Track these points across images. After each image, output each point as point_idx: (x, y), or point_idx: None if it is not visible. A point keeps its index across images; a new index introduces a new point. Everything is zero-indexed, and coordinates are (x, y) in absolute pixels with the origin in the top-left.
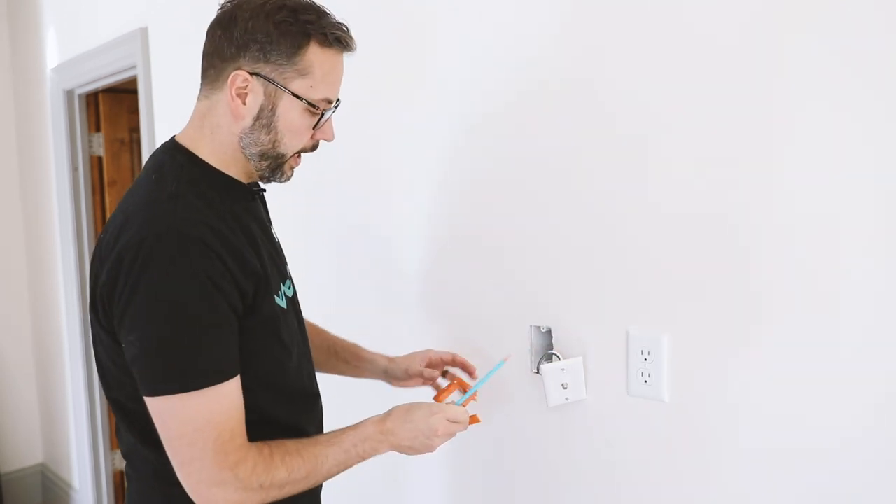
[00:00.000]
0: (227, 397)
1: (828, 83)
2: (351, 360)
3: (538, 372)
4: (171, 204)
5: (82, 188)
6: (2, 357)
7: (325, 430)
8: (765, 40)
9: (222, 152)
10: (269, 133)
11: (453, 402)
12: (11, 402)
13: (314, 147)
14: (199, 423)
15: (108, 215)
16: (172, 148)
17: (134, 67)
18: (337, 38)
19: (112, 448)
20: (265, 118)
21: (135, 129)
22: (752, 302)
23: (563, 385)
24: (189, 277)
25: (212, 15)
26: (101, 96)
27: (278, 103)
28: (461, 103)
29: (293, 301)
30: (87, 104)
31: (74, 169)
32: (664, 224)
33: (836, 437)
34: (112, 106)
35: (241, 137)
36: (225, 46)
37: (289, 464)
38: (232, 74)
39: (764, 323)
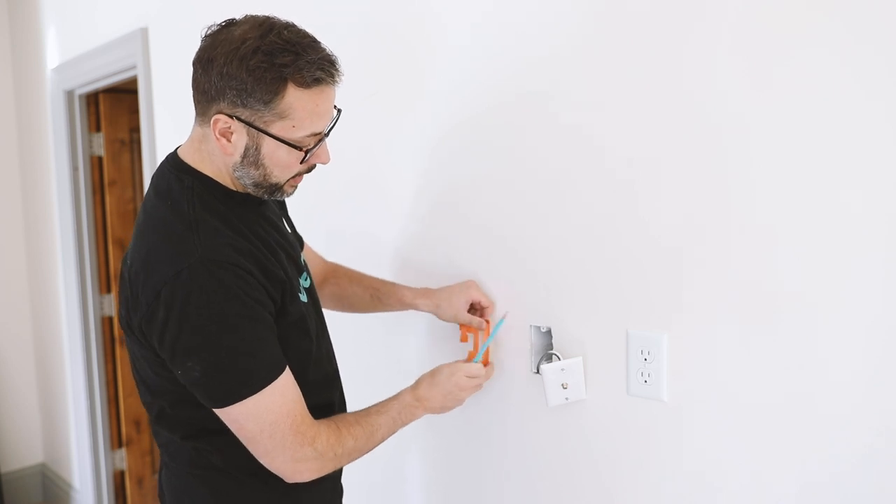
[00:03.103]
0: (286, 387)
1: (828, 82)
2: (395, 306)
3: (538, 372)
4: (194, 233)
5: (82, 188)
6: (2, 357)
7: (346, 402)
8: (761, 36)
9: (223, 174)
10: (257, 169)
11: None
12: (11, 402)
13: (310, 170)
14: (272, 416)
15: (109, 215)
16: (178, 167)
17: (134, 67)
18: (316, 78)
19: (112, 448)
20: (251, 156)
21: (135, 129)
22: (753, 302)
23: (563, 385)
24: (228, 299)
25: (212, 15)
26: (101, 96)
27: (262, 144)
28: (460, 105)
29: (311, 291)
30: (88, 104)
31: (75, 169)
32: (664, 224)
33: (836, 437)
34: (112, 106)
35: (233, 169)
36: (205, 87)
37: (354, 433)
38: (214, 118)
39: (764, 323)
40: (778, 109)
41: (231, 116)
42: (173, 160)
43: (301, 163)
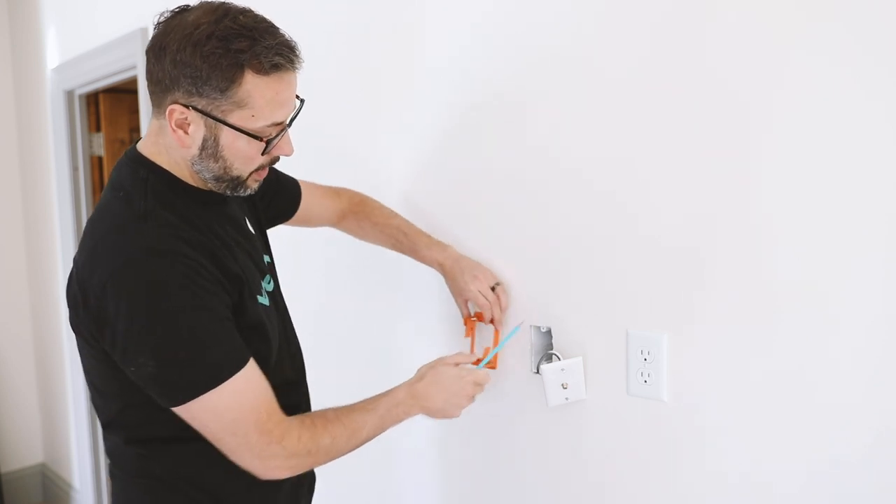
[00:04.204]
0: (249, 381)
1: (828, 83)
2: (410, 256)
3: (538, 372)
4: (143, 223)
5: (82, 188)
6: (2, 357)
7: (314, 407)
8: (768, 34)
9: (182, 167)
10: (217, 161)
11: (472, 366)
12: (11, 402)
13: (273, 162)
14: (234, 413)
15: None
16: (135, 160)
17: (134, 67)
18: (274, 64)
19: None
20: (210, 148)
21: (135, 129)
22: (753, 302)
23: (563, 385)
24: (178, 289)
25: None
26: (101, 96)
27: (220, 135)
28: (460, 103)
29: (274, 295)
30: (88, 104)
31: (75, 169)
32: (664, 224)
33: (836, 437)
34: (112, 106)
35: (192, 163)
36: (159, 76)
37: (331, 431)
38: (169, 108)
39: (764, 323)
40: (777, 109)
41: (187, 106)
42: (131, 153)
43: (262, 154)
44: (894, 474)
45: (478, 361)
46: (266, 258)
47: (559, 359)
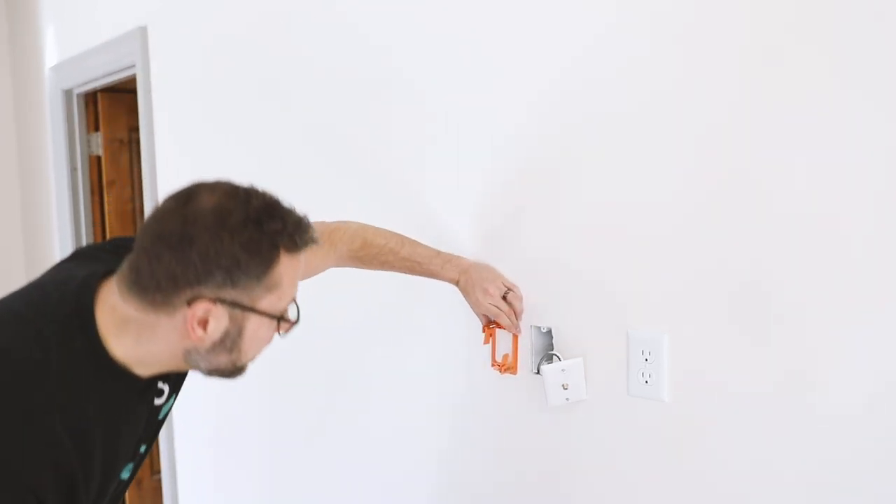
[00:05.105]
0: None
1: (829, 82)
2: (428, 278)
3: (538, 372)
4: (22, 428)
5: (81, 188)
6: None
7: None
8: (761, 41)
9: (144, 357)
10: (230, 353)
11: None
12: None
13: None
14: None
15: (108, 215)
16: (80, 320)
17: (133, 67)
18: (305, 240)
19: None
20: (229, 341)
21: (134, 128)
22: (753, 302)
23: (563, 385)
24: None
25: (211, 14)
26: (99, 95)
27: (246, 324)
28: (463, 103)
29: (125, 481)
30: (86, 103)
31: (73, 169)
32: (665, 224)
33: (837, 437)
34: (111, 105)
35: (188, 353)
36: (176, 272)
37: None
38: (192, 306)
39: (764, 322)
40: (778, 110)
41: (214, 301)
42: (83, 308)
43: (275, 333)
44: (894, 474)
45: (498, 366)
46: (143, 447)
47: (560, 359)
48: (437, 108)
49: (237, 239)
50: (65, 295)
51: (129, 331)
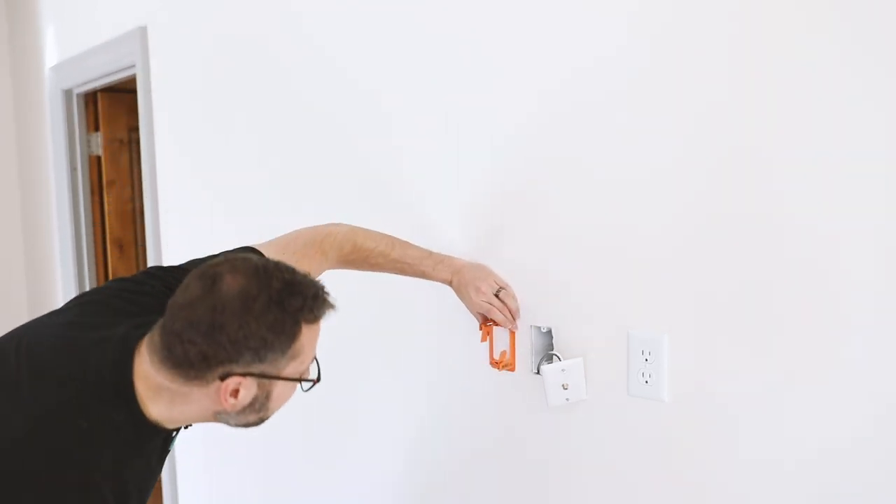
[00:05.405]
0: None
1: (830, 83)
2: (420, 278)
3: (538, 372)
4: (78, 495)
5: (81, 188)
6: None
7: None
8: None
9: (176, 417)
10: (258, 413)
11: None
12: None
13: None
14: None
15: (107, 215)
16: (122, 394)
17: (133, 66)
18: (324, 311)
19: None
20: (258, 404)
21: (134, 128)
22: (753, 302)
23: (563, 385)
24: None
25: (211, 14)
26: (99, 95)
27: (273, 389)
28: (463, 103)
29: None
30: (86, 103)
31: (73, 169)
32: (665, 224)
33: (836, 439)
34: (111, 105)
35: (218, 414)
36: (208, 353)
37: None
38: (224, 381)
39: (764, 322)
40: (778, 110)
41: (244, 375)
42: (120, 377)
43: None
44: (894, 473)
45: (496, 363)
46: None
47: (560, 359)
48: (437, 108)
49: (263, 322)
50: (103, 363)
51: (163, 396)
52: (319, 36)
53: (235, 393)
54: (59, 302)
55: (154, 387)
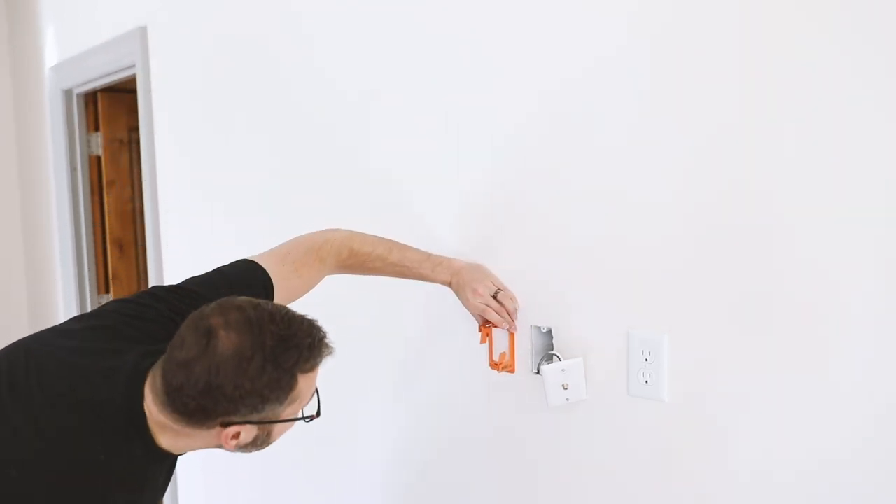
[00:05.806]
0: None
1: (831, 83)
2: (420, 281)
3: (538, 372)
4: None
5: (81, 188)
6: None
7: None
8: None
9: (182, 448)
10: (260, 446)
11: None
12: None
13: None
14: None
15: (107, 215)
16: (134, 424)
17: (133, 66)
18: (320, 359)
19: None
20: (260, 441)
21: (134, 128)
22: (753, 302)
23: (563, 385)
24: None
25: (211, 14)
26: (99, 95)
27: (273, 429)
28: (463, 104)
29: None
30: (86, 103)
31: (73, 169)
32: (665, 224)
33: (837, 438)
34: (111, 105)
35: (221, 447)
36: (209, 407)
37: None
38: (225, 430)
39: (764, 323)
40: (778, 110)
41: (243, 423)
42: (137, 416)
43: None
44: (893, 472)
45: (495, 365)
46: None
47: (560, 359)
48: (437, 108)
49: (258, 382)
50: (115, 394)
51: (167, 432)
52: (319, 36)
53: (237, 435)
54: (59, 302)
55: (160, 423)
